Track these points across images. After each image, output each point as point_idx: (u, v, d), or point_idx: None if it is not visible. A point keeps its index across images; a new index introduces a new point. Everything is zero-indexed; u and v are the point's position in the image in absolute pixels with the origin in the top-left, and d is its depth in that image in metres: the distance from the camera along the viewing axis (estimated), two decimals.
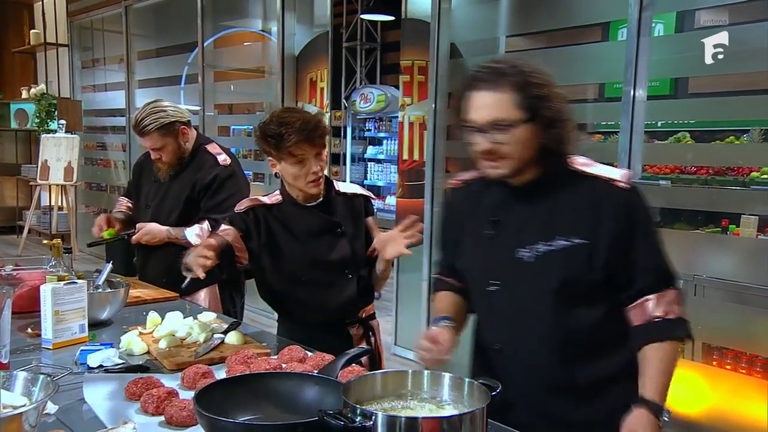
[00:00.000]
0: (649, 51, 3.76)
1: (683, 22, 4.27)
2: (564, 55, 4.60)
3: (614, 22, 4.53)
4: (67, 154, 8.19)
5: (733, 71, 3.80)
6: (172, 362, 2.05)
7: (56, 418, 1.69)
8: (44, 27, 9.61)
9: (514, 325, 1.83)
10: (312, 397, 1.55)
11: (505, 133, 1.68)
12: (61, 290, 2.22)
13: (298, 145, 2.29)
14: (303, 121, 2.31)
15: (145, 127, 3.02)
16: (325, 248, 2.48)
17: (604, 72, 4.35)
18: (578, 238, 1.72)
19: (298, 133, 2.28)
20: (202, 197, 3.11)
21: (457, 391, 1.50)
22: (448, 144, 4.97)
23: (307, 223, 2.48)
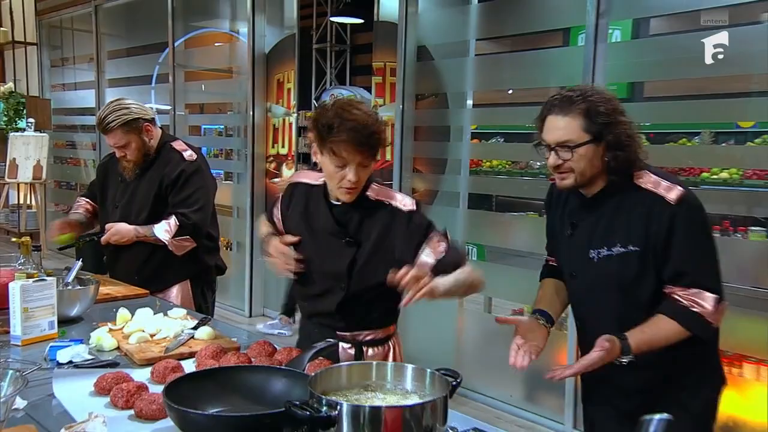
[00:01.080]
0: (606, 56, 3.83)
1: (639, 29, 4.35)
2: (527, 59, 4.65)
3: (574, 28, 4.59)
4: (36, 152, 8.07)
5: (686, 76, 3.87)
6: (142, 358, 2.05)
7: (25, 413, 1.67)
8: (12, 25, 9.46)
9: (587, 306, 2.16)
10: (280, 390, 1.57)
11: (570, 152, 1.93)
12: (29, 287, 2.20)
13: (344, 145, 2.04)
14: (360, 122, 2.04)
15: (109, 124, 2.98)
16: (326, 251, 2.24)
17: (565, 76, 4.40)
18: (632, 246, 1.95)
19: (349, 132, 2.03)
20: (169, 193, 3.08)
21: (420, 381, 1.53)
22: (416, 144, 5.01)
23: (323, 219, 2.24)
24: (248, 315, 6.45)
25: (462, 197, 4.76)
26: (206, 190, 3.15)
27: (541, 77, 4.56)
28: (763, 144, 3.97)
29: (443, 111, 4.93)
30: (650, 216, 1.93)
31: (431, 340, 4.92)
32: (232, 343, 2.22)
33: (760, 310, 3.24)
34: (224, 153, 7.80)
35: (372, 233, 2.17)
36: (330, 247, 2.21)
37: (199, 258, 3.20)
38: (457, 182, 4.81)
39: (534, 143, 2.06)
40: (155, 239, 3.00)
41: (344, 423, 1.31)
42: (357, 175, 2.07)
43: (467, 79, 4.68)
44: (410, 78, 4.95)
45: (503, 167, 5.80)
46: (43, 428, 1.58)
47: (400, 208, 2.17)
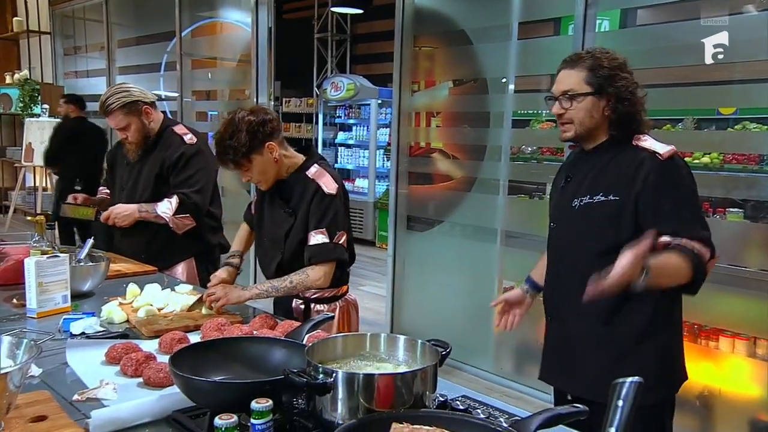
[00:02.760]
0: (595, 44, 3.82)
1: (626, 18, 4.34)
2: (520, 48, 4.63)
3: (565, 17, 4.56)
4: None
5: (671, 65, 3.87)
6: (150, 329, 2.07)
7: (40, 380, 1.71)
8: (27, 15, 9.42)
9: (558, 256, 2.17)
10: (279, 359, 1.58)
11: (570, 101, 1.99)
12: (44, 263, 2.23)
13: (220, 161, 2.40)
14: (218, 140, 2.35)
15: (110, 106, 3.02)
16: (270, 221, 2.53)
17: (555, 64, 4.38)
18: (613, 195, 1.96)
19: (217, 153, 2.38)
20: (170, 174, 3.11)
21: (411, 351, 1.55)
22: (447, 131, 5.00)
23: (270, 196, 2.52)
24: None
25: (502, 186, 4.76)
26: (206, 171, 3.16)
27: (532, 65, 4.55)
28: (743, 130, 3.98)
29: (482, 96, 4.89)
30: (639, 167, 1.94)
31: (427, 314, 4.95)
32: (235, 316, 2.24)
33: (737, 286, 3.27)
34: None
35: (301, 206, 2.42)
36: (276, 216, 2.51)
37: (203, 237, 3.22)
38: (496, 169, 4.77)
39: (545, 96, 2.14)
40: (156, 216, 3.02)
41: (339, 389, 1.33)
42: (247, 176, 2.41)
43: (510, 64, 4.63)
44: (407, 64, 4.94)
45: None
46: (57, 394, 1.61)
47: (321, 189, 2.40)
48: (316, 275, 2.36)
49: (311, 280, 2.35)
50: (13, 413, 1.42)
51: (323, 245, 2.36)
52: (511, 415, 1.57)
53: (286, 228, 2.43)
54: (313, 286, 2.40)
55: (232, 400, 1.33)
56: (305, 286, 2.38)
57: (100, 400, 1.59)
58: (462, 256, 4.83)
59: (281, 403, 1.39)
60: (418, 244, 5.06)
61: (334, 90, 9.59)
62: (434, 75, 5.08)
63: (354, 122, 9.94)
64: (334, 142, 10.26)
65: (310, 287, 2.41)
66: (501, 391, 4.27)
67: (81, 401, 1.59)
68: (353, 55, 10.61)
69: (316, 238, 2.36)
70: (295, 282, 2.35)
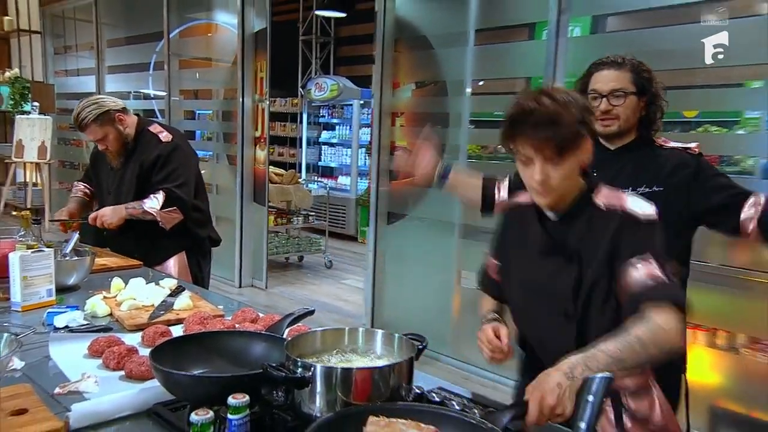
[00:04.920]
0: (567, 50, 3.82)
1: (597, 25, 4.34)
2: (496, 52, 4.64)
3: (539, 23, 4.56)
4: (40, 134, 7.99)
5: None
6: (131, 323, 2.04)
7: (23, 373, 1.66)
8: (17, 14, 9.29)
9: None
10: (260, 353, 1.55)
11: (621, 99, 2.06)
12: (28, 257, 2.18)
13: (520, 140, 1.54)
14: (539, 112, 1.50)
15: (83, 120, 2.98)
16: (544, 271, 1.68)
17: (530, 67, 4.40)
18: (657, 186, 2.03)
19: (524, 126, 1.53)
20: (151, 173, 3.07)
21: (389, 345, 1.52)
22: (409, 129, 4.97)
23: (535, 235, 1.69)
24: (238, 286, 6.45)
25: None
26: (186, 166, 3.13)
27: (508, 68, 4.57)
28: (705, 132, 4.00)
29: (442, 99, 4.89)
30: (675, 163, 2.06)
31: (408, 309, 4.94)
32: (217, 310, 2.20)
33: (698, 281, 3.27)
34: (216, 136, 7.74)
35: (599, 246, 1.58)
36: (545, 271, 1.67)
37: (192, 231, 3.19)
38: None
39: (588, 93, 2.13)
40: (143, 212, 2.98)
41: (318, 383, 1.30)
42: (542, 173, 1.54)
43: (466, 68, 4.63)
44: (387, 67, 4.92)
45: (474, 152, 5.79)
46: (39, 387, 1.56)
47: (634, 214, 1.57)
48: (671, 323, 1.44)
49: (666, 331, 1.43)
50: None
51: (659, 279, 1.49)
52: (485, 405, 1.55)
53: (571, 279, 1.61)
54: (668, 344, 1.44)
55: (212, 394, 1.30)
56: (658, 345, 1.42)
57: (82, 393, 1.55)
58: (426, 249, 4.85)
59: (260, 396, 1.36)
60: (393, 239, 5.05)
61: (318, 90, 9.57)
62: (409, 77, 5.05)
63: (337, 122, 9.92)
64: (317, 140, 10.24)
65: (663, 348, 1.43)
66: (477, 381, 4.27)
67: (63, 394, 1.54)
68: (337, 57, 10.59)
69: (640, 269, 1.51)
70: (645, 339, 1.41)
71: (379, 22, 4.91)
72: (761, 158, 3.57)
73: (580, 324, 1.63)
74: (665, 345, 1.44)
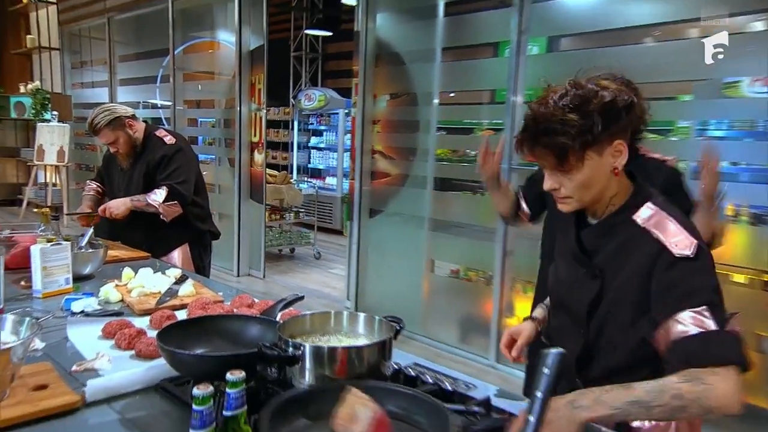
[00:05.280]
0: (526, 66, 3.84)
1: (552, 45, 4.37)
2: (466, 68, 4.65)
3: (502, 42, 4.58)
4: (59, 139, 7.92)
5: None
6: (140, 308, 2.02)
7: (43, 353, 1.64)
8: (38, 33, 9.19)
9: None
10: (255, 334, 1.54)
11: None
12: (48, 250, 2.15)
13: (525, 148, 1.30)
14: (536, 120, 1.26)
15: (97, 125, 2.96)
16: (570, 277, 1.45)
17: (494, 81, 4.42)
18: None
19: (525, 134, 1.29)
20: (156, 172, 3.05)
21: (370, 326, 1.52)
22: (386, 135, 4.97)
23: (570, 237, 1.44)
24: (236, 275, 6.41)
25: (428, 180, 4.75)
26: (187, 166, 3.12)
27: (476, 81, 4.58)
28: (644, 138, 4.04)
29: (412, 108, 4.87)
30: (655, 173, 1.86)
31: (389, 292, 4.95)
32: (217, 296, 2.19)
33: None
34: (217, 141, 7.68)
35: (625, 268, 1.30)
36: (571, 277, 1.43)
37: (193, 225, 3.17)
38: (424, 167, 4.77)
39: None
40: (146, 204, 2.96)
41: (307, 360, 1.29)
42: (551, 180, 1.31)
43: (434, 82, 4.63)
44: (369, 79, 4.90)
45: (445, 155, 5.81)
46: (58, 365, 1.54)
47: (669, 249, 1.23)
48: (727, 388, 1.10)
49: (717, 397, 1.10)
50: (17, 383, 1.36)
51: (717, 336, 1.15)
52: (455, 378, 1.55)
53: (591, 296, 1.35)
54: (716, 410, 1.10)
55: (212, 371, 1.29)
56: (703, 407, 1.10)
57: (97, 370, 1.53)
58: (400, 241, 4.86)
59: (256, 372, 1.36)
60: (372, 232, 5.05)
61: (308, 101, 9.54)
62: (384, 89, 5.03)
63: (324, 128, 9.89)
64: (307, 145, 10.20)
65: (709, 411, 1.10)
66: (448, 357, 4.29)
67: (79, 371, 1.52)
68: (324, 71, 10.57)
69: (693, 322, 1.16)
70: (687, 399, 1.10)
71: (361, 41, 4.90)
72: (691, 162, 3.64)
73: (591, 345, 1.36)
74: (714, 409, 1.10)
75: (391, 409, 1.18)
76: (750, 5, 3.16)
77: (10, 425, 1.24)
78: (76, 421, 1.30)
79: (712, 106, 3.60)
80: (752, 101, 3.56)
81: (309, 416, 1.19)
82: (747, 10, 3.25)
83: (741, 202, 3.47)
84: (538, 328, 1.60)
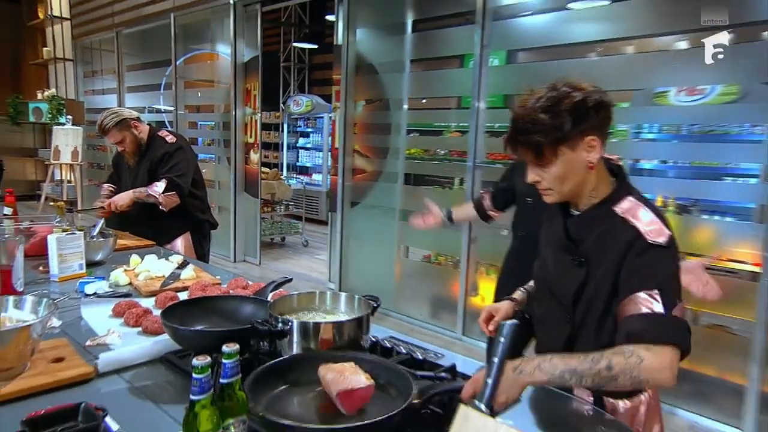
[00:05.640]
0: (488, 76, 3.86)
1: (510, 58, 4.39)
2: (436, 77, 4.65)
3: (467, 55, 4.60)
4: (73, 141, 7.77)
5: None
6: (147, 290, 2.00)
7: (60, 330, 1.63)
8: (54, 46, 9.00)
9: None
10: (248, 312, 1.53)
11: None
12: (63, 239, 2.13)
13: (510, 145, 1.29)
14: (515, 119, 1.25)
15: (106, 126, 2.93)
16: (556, 266, 1.39)
17: (460, 89, 4.43)
18: None
19: (509, 132, 1.27)
20: (158, 167, 3.01)
21: (350, 304, 1.52)
22: (361, 136, 4.96)
23: (558, 227, 1.39)
24: (233, 260, 6.36)
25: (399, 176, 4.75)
26: (186, 161, 3.08)
27: (443, 89, 4.59)
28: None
29: (385, 112, 4.87)
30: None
31: (369, 275, 4.95)
32: (215, 279, 2.18)
33: None
34: (215, 143, 7.60)
35: (607, 256, 1.25)
36: (558, 266, 1.38)
37: (193, 215, 3.15)
38: (396, 165, 4.78)
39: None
40: (147, 195, 2.93)
41: (294, 334, 1.30)
42: (533, 173, 1.29)
43: (404, 89, 4.62)
44: (351, 87, 4.88)
45: (419, 154, 5.81)
46: (73, 341, 1.53)
47: (643, 235, 1.21)
48: (656, 363, 1.09)
49: (647, 370, 1.09)
50: (37, 356, 1.36)
51: (661, 318, 1.14)
52: (425, 349, 1.57)
53: (576, 283, 1.31)
54: (646, 382, 1.10)
55: (210, 344, 1.28)
56: (633, 378, 1.10)
57: (108, 345, 1.53)
58: (375, 229, 4.87)
59: (249, 346, 1.36)
60: (353, 222, 5.04)
61: (296, 106, 9.47)
62: (361, 96, 5.02)
63: (311, 130, 9.84)
64: (295, 145, 10.14)
65: (639, 382, 1.10)
66: (419, 331, 4.32)
67: (93, 346, 1.52)
68: (311, 79, 10.51)
69: (643, 303, 1.16)
70: (616, 369, 1.09)
71: (343, 53, 4.87)
72: (628, 160, 3.70)
73: (576, 330, 1.32)
74: (644, 381, 1.09)
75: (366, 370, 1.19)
76: (676, 26, 3.22)
77: (31, 393, 1.24)
78: (90, 390, 1.29)
79: (646, 113, 3.65)
80: (678, 108, 3.63)
81: (288, 382, 1.20)
82: (673, 30, 3.31)
83: (669, 194, 3.55)
84: (516, 308, 1.56)
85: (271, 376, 1.17)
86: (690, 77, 3.16)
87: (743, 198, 3.62)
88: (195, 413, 0.90)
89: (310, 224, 8.23)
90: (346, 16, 4.82)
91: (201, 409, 0.90)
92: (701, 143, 3.74)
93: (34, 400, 1.22)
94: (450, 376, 1.33)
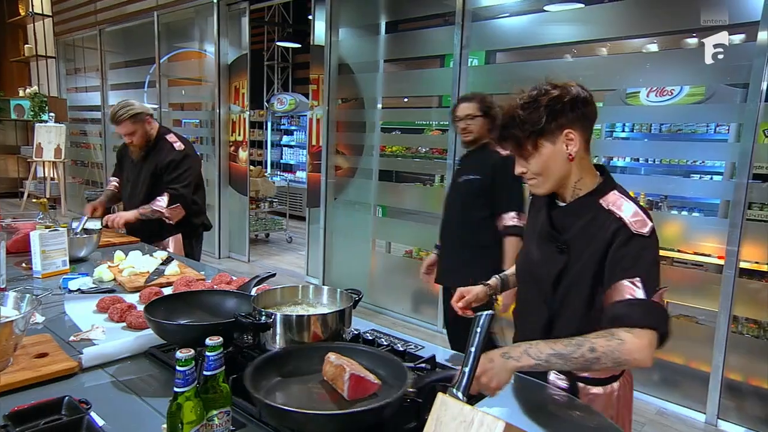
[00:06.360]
0: (467, 75, 3.87)
1: (489, 58, 4.42)
2: (418, 76, 4.66)
3: (447, 55, 4.61)
4: (56, 138, 7.62)
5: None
6: (130, 286, 1.98)
7: (44, 326, 1.61)
8: (35, 43, 8.81)
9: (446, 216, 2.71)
10: (232, 306, 1.53)
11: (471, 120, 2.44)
12: (46, 235, 2.09)
13: (498, 140, 1.36)
14: (503, 113, 1.33)
15: (120, 116, 2.87)
16: (538, 255, 1.40)
17: (441, 88, 4.45)
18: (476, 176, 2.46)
19: (496, 129, 1.35)
20: (163, 174, 2.97)
21: (332, 297, 1.53)
22: (337, 134, 4.96)
23: (542, 219, 1.41)
24: (217, 257, 6.31)
25: (374, 172, 4.76)
26: (192, 170, 3.04)
27: (426, 89, 4.61)
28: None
29: (361, 110, 4.87)
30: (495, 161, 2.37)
31: (351, 271, 4.95)
32: (200, 275, 2.16)
33: None
34: (199, 140, 7.52)
35: (590, 244, 1.28)
36: (541, 255, 1.39)
37: (188, 218, 3.09)
38: (370, 161, 4.79)
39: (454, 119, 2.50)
40: (152, 212, 2.88)
41: (277, 327, 1.30)
42: (520, 165, 1.34)
43: (378, 88, 4.63)
44: (334, 87, 4.87)
45: (401, 151, 5.83)
46: (57, 336, 1.51)
47: (628, 226, 1.24)
48: (636, 344, 1.14)
49: (628, 351, 1.14)
50: (20, 351, 1.34)
51: (641, 303, 1.17)
52: (407, 342, 1.58)
53: (556, 269, 1.33)
54: (627, 362, 1.15)
55: (194, 338, 1.27)
56: (615, 359, 1.14)
57: (92, 340, 1.51)
58: (352, 224, 4.87)
59: (233, 339, 1.35)
60: (334, 218, 5.04)
61: (280, 104, 9.41)
62: (341, 95, 5.02)
63: (295, 128, 9.79)
64: (279, 143, 10.08)
65: (620, 363, 1.15)
66: (402, 324, 4.33)
67: (76, 341, 1.50)
68: (294, 78, 10.44)
69: (626, 290, 1.19)
70: (599, 351, 1.14)
71: (326, 53, 4.85)
72: (602, 157, 3.74)
73: (554, 314, 1.34)
74: (624, 362, 1.14)
75: (360, 362, 1.20)
76: (646, 29, 3.27)
77: (15, 388, 1.22)
78: (74, 384, 1.28)
79: (618, 112, 3.70)
80: (648, 108, 3.69)
81: (282, 374, 1.20)
82: (644, 33, 3.36)
83: (639, 190, 3.61)
84: (488, 292, 1.60)
85: (266, 367, 1.17)
86: (660, 78, 3.21)
87: (709, 194, 3.70)
88: (179, 404, 0.90)
89: (293, 221, 8.20)
90: (328, 17, 4.81)
91: (185, 401, 0.90)
92: (670, 142, 3.80)
93: (18, 395, 1.20)
94: (430, 366, 1.34)
